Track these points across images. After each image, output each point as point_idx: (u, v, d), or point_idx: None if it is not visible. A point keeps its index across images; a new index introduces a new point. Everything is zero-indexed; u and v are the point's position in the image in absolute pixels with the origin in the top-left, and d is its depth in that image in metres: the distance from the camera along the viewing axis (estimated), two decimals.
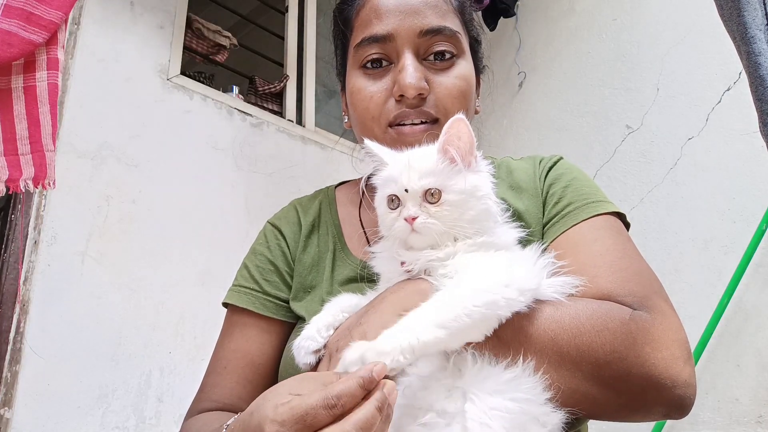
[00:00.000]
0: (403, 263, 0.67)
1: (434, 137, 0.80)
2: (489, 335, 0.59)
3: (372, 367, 0.52)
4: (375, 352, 0.54)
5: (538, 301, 0.62)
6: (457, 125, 0.66)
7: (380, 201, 0.70)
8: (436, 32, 0.82)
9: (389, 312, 0.62)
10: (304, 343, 0.66)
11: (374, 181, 0.71)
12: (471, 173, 0.67)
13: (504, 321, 0.59)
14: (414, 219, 0.64)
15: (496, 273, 0.61)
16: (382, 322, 0.61)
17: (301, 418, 0.49)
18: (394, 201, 0.67)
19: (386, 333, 0.56)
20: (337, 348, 0.63)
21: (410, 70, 0.80)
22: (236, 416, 0.65)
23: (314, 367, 0.66)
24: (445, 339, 0.56)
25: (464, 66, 0.85)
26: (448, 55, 0.83)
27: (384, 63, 0.84)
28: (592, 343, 0.60)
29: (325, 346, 0.66)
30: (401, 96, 0.81)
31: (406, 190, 0.66)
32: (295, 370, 0.69)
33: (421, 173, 0.66)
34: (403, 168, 0.67)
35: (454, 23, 0.85)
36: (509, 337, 0.60)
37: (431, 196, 0.65)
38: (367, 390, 0.51)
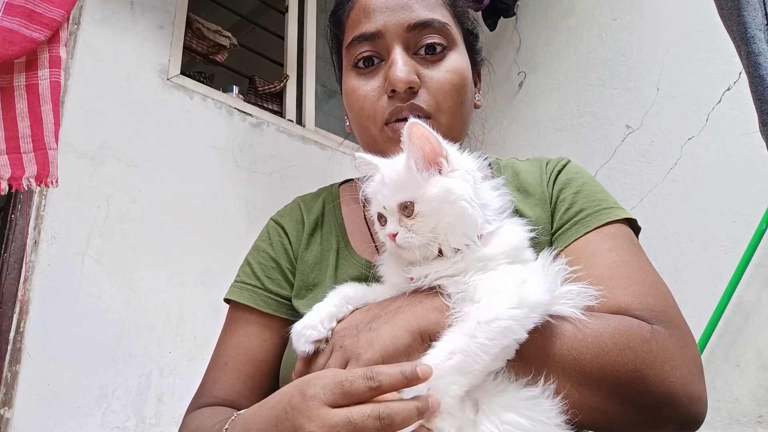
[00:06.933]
0: (411, 278, 0.66)
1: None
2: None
3: (416, 365, 0.54)
4: None
5: (560, 318, 0.61)
6: (415, 130, 0.63)
7: (373, 217, 0.69)
8: (424, 25, 0.82)
9: (403, 326, 0.61)
10: (306, 332, 0.65)
11: (366, 194, 0.71)
12: (442, 177, 0.64)
13: (523, 341, 0.58)
14: (395, 236, 0.64)
15: (505, 295, 0.59)
16: (393, 336, 0.61)
17: (340, 383, 0.53)
18: (382, 217, 0.67)
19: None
20: (341, 345, 0.62)
21: (399, 64, 0.80)
22: (239, 412, 0.65)
23: (311, 357, 0.66)
24: (471, 382, 0.56)
25: (456, 59, 0.84)
26: (438, 48, 0.83)
27: (376, 61, 0.84)
28: (615, 362, 0.60)
29: (326, 339, 0.65)
30: (393, 91, 0.80)
31: (384, 207, 0.65)
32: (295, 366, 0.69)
33: (392, 188, 0.65)
34: (379, 184, 0.66)
35: (443, 15, 0.84)
36: (531, 356, 0.59)
37: (405, 209, 0.64)
38: (409, 381, 0.53)
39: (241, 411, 0.65)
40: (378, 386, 0.52)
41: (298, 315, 0.83)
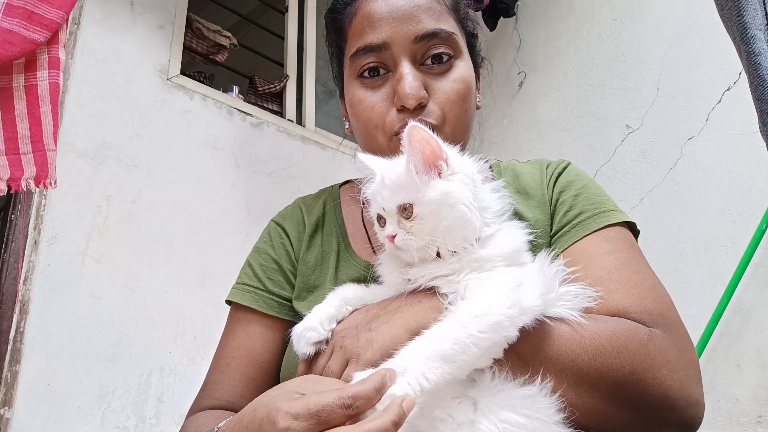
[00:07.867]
0: (409, 279, 0.66)
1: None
2: (507, 354, 0.58)
3: (384, 373, 0.53)
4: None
5: (558, 320, 0.61)
6: (416, 133, 0.63)
7: (372, 218, 0.69)
8: (431, 36, 0.80)
9: (402, 326, 0.62)
10: (306, 334, 0.66)
11: (365, 195, 0.71)
12: (442, 180, 0.64)
13: (514, 340, 0.58)
14: (393, 237, 0.64)
15: (499, 295, 0.59)
16: (392, 336, 0.61)
17: (316, 414, 0.50)
18: (381, 219, 0.67)
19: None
20: (341, 345, 0.62)
21: (408, 79, 0.79)
22: (230, 418, 0.64)
23: (312, 358, 0.66)
24: (454, 372, 0.55)
25: (463, 67, 0.84)
26: (445, 58, 0.82)
27: (381, 71, 0.83)
28: (612, 365, 0.60)
29: (326, 340, 0.66)
30: (402, 106, 0.80)
31: (384, 209, 0.66)
32: (297, 369, 0.69)
33: (392, 190, 0.65)
34: (379, 186, 0.67)
35: (449, 24, 0.83)
36: (528, 356, 0.59)
37: (404, 211, 0.64)
38: (381, 394, 0.52)
39: (221, 424, 0.64)
40: (356, 413, 0.51)
41: (299, 316, 0.83)
